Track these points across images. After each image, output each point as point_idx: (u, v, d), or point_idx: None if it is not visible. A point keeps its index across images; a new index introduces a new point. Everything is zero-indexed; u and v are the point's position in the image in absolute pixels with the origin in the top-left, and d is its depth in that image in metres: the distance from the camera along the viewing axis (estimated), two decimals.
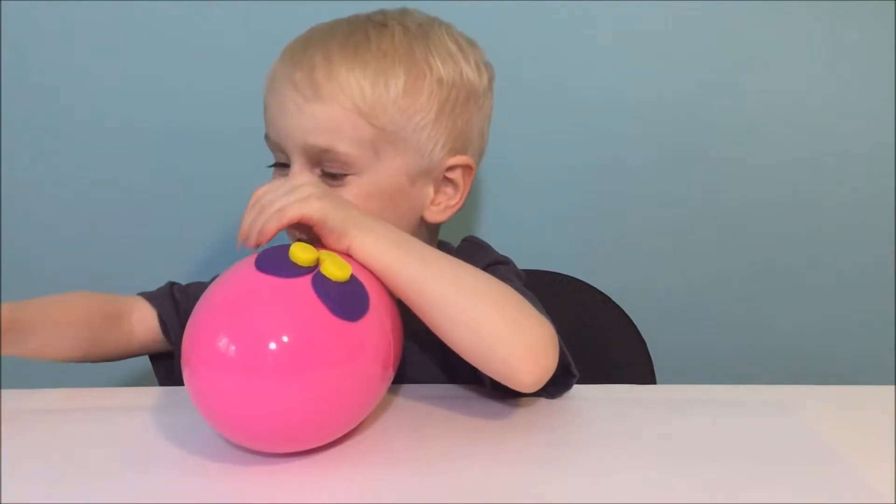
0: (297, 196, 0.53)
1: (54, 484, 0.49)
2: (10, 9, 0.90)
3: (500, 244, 0.75)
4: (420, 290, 0.54)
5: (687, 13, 0.91)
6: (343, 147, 0.60)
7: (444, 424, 0.58)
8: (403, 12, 0.66)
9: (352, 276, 0.52)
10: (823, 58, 0.92)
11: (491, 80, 0.68)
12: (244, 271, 0.51)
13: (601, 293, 0.90)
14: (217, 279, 0.53)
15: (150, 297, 0.73)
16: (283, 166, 0.64)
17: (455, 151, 0.65)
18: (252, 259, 0.52)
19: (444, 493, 0.49)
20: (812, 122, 0.94)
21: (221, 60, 0.92)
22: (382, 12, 0.65)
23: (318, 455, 0.53)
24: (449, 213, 0.67)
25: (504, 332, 0.53)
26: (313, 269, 0.51)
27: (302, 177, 0.56)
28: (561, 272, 0.88)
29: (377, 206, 0.61)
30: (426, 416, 0.59)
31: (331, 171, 0.61)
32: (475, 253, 0.70)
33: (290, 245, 0.52)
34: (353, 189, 0.61)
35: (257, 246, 0.55)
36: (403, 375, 0.61)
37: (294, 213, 0.52)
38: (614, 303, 0.90)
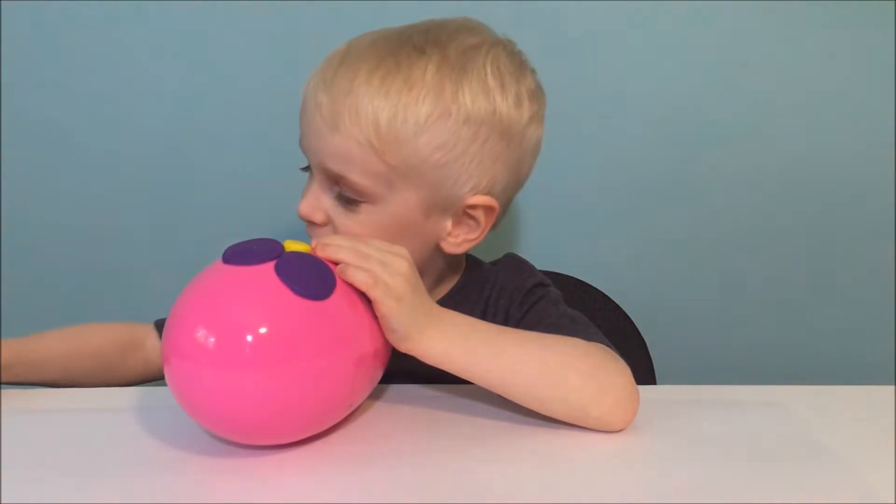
0: (386, 277, 0.53)
1: (54, 484, 0.49)
2: (10, 9, 0.90)
3: (501, 245, 0.75)
4: (500, 383, 0.56)
5: (686, 14, 0.91)
6: (355, 177, 0.59)
7: (438, 423, 0.58)
8: (454, 32, 0.62)
9: (317, 258, 0.53)
10: (823, 58, 0.92)
11: (537, 111, 0.64)
12: (212, 266, 0.53)
13: (601, 293, 0.90)
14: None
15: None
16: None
17: (477, 190, 0.61)
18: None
19: (440, 492, 0.49)
20: (812, 123, 0.94)
21: (222, 60, 0.92)
22: (429, 32, 0.61)
23: (314, 453, 0.53)
24: (466, 246, 0.64)
25: (592, 397, 0.56)
26: (277, 256, 0.52)
27: (402, 260, 0.55)
28: (561, 272, 0.88)
29: (389, 236, 0.60)
30: (419, 415, 0.59)
31: (346, 194, 0.60)
32: (519, 271, 0.70)
33: (254, 240, 0.54)
34: (364, 217, 0.61)
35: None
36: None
37: (371, 293, 0.52)
38: (614, 303, 0.90)
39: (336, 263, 0.54)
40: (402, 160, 0.58)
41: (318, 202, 0.61)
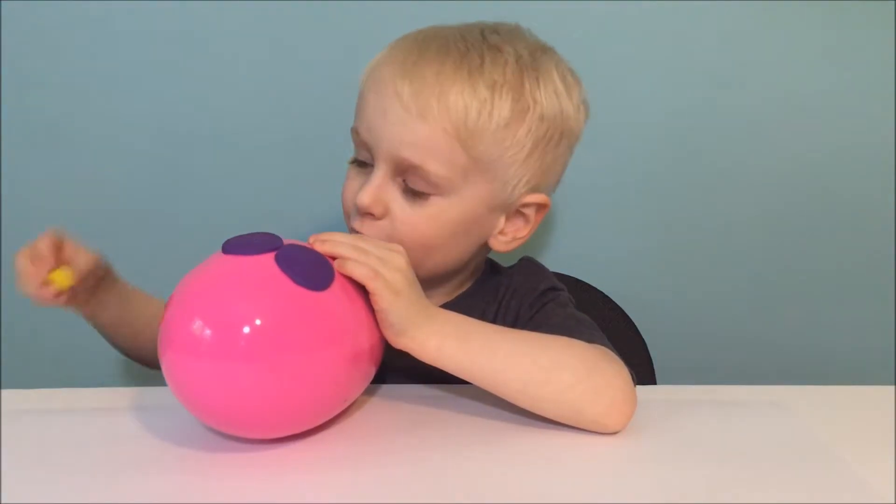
0: (385, 271, 0.53)
1: (54, 484, 0.49)
2: (10, 9, 0.90)
3: None
4: (493, 381, 0.56)
5: (686, 14, 0.91)
6: (434, 167, 0.59)
7: (435, 423, 0.58)
8: (515, 34, 0.64)
9: (316, 250, 0.54)
10: (823, 58, 0.92)
11: (587, 117, 0.66)
12: (212, 257, 0.53)
13: (601, 293, 0.90)
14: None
15: None
16: (363, 164, 0.64)
17: (535, 189, 0.64)
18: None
19: (437, 492, 0.49)
20: (811, 123, 0.94)
21: (222, 60, 0.92)
22: (497, 31, 0.63)
23: (313, 452, 0.53)
24: (514, 244, 0.66)
25: (586, 397, 0.56)
26: (277, 247, 0.52)
27: (399, 256, 0.55)
28: (561, 272, 0.87)
29: (451, 230, 0.62)
30: (417, 414, 0.59)
31: (415, 186, 0.60)
32: (533, 274, 0.70)
33: (255, 233, 0.54)
34: (433, 209, 0.61)
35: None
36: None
37: (371, 285, 0.53)
38: (614, 303, 0.90)
39: (334, 259, 0.54)
40: (483, 152, 0.60)
41: (381, 193, 0.61)
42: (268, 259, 0.51)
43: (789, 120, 0.94)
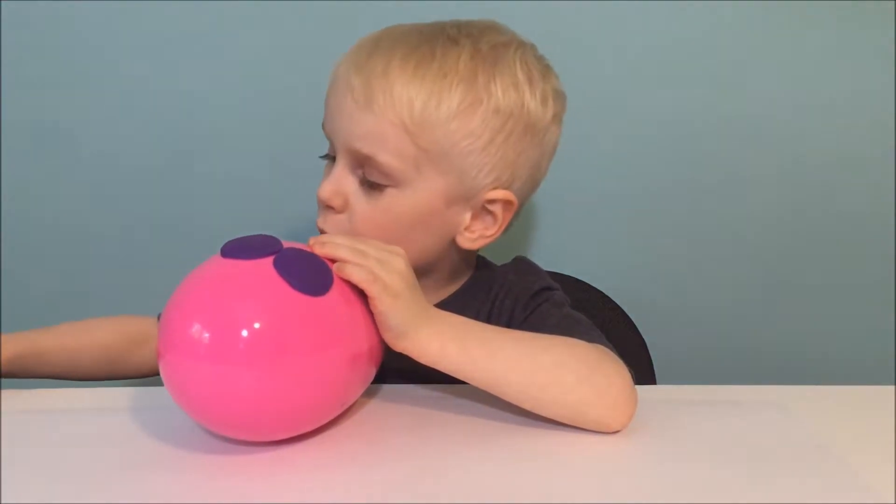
0: (384, 274, 0.53)
1: (54, 484, 0.49)
2: (9, 9, 0.90)
3: (501, 242, 0.75)
4: (495, 382, 0.56)
5: (686, 15, 0.91)
6: (384, 158, 0.60)
7: (434, 423, 0.58)
8: (484, 29, 0.64)
9: (315, 254, 0.54)
10: (823, 58, 0.92)
11: (559, 112, 0.66)
12: (210, 260, 0.53)
13: (601, 293, 0.90)
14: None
15: None
16: (333, 159, 0.64)
17: (499, 183, 0.63)
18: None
19: (437, 492, 0.49)
20: (811, 124, 0.94)
21: (222, 60, 0.92)
22: (460, 26, 0.63)
23: (311, 453, 0.53)
24: (482, 242, 0.66)
25: (588, 398, 0.56)
26: (276, 251, 0.52)
27: (398, 258, 0.55)
28: (561, 272, 0.88)
29: (407, 223, 0.62)
30: (416, 415, 0.59)
31: (371, 178, 0.61)
32: (527, 274, 0.70)
33: (253, 236, 0.54)
34: (388, 202, 0.61)
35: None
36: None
37: (370, 289, 0.53)
38: (614, 303, 0.90)
39: (333, 261, 0.54)
40: (432, 143, 0.60)
41: (340, 186, 0.62)
42: (266, 264, 0.51)
43: (789, 120, 0.94)
